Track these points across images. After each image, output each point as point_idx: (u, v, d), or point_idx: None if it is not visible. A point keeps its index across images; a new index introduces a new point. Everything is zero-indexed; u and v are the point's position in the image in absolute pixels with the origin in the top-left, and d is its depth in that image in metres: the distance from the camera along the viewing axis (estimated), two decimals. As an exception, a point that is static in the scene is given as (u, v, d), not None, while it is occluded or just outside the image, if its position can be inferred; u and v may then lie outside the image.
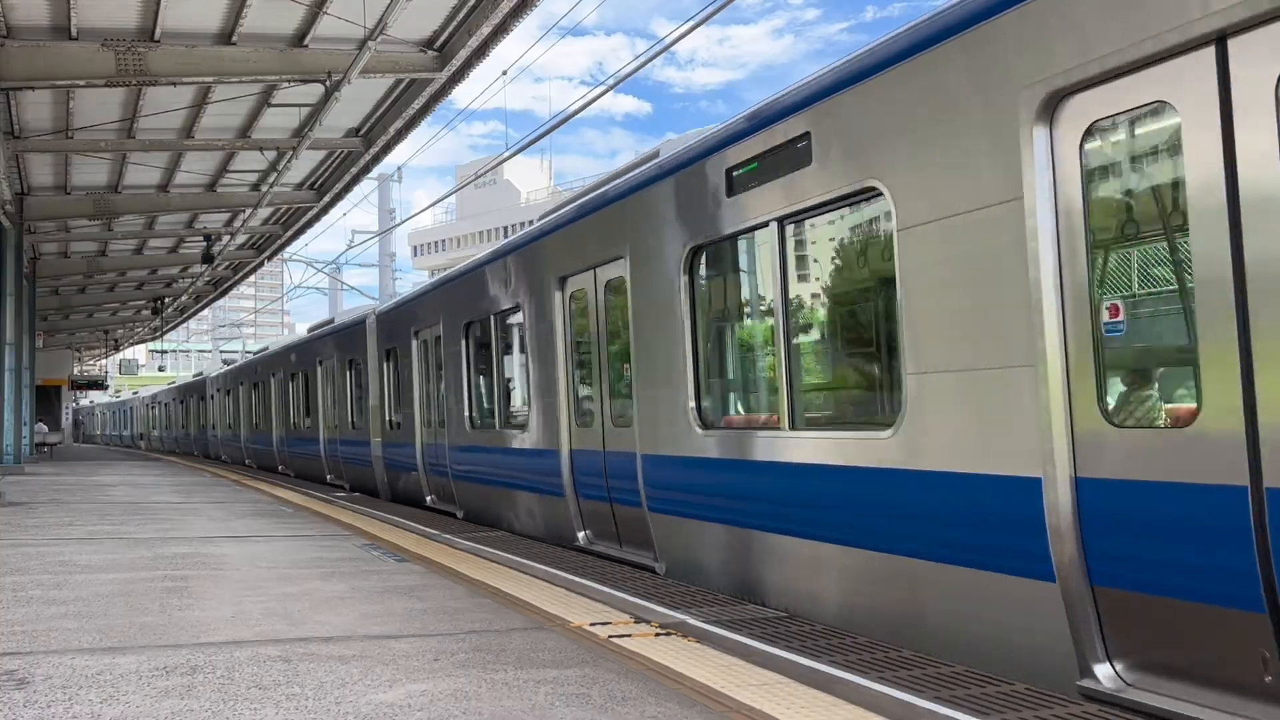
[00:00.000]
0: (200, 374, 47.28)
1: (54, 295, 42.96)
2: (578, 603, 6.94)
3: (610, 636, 5.83)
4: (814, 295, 7.41)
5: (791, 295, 7.21)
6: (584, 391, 10.58)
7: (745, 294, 8.28)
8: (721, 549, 7.90)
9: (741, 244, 7.89)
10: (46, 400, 52.32)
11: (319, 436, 23.35)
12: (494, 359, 13.07)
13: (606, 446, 9.87)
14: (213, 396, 39.32)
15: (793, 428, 7.07)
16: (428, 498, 16.02)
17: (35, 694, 4.67)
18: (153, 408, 59.74)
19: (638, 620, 6.34)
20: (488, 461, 13.11)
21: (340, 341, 21.38)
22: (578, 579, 8.02)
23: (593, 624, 6.19)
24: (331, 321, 23.67)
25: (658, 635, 5.90)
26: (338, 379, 21.59)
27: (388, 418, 18.00)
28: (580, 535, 10.58)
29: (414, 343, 16.22)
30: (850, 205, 6.63)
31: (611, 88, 16.27)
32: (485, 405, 13.76)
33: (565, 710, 4.38)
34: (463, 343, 13.89)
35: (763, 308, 7.75)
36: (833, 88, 6.60)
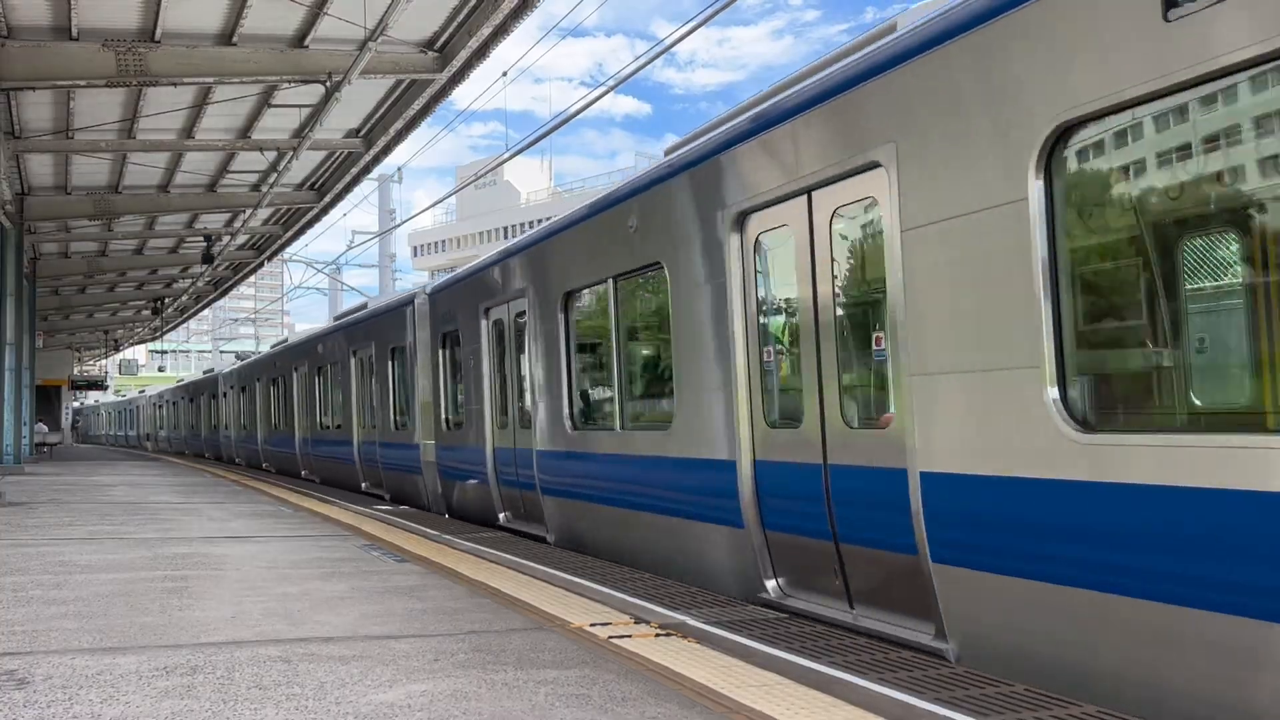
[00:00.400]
0: (211, 370, 43.42)
1: (54, 295, 42.97)
2: (577, 603, 6.94)
3: (610, 637, 5.84)
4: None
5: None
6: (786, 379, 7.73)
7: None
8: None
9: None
10: (46, 400, 52.35)
11: (352, 438, 20.42)
12: (614, 337, 9.92)
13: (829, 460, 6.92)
14: (225, 394, 36.43)
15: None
16: (501, 515, 13.07)
17: (35, 694, 4.68)
18: (160, 407, 56.14)
19: (637, 621, 6.34)
20: (602, 473, 10.09)
21: (379, 327, 18.46)
22: (577, 579, 8.03)
23: (593, 624, 6.19)
24: (365, 306, 20.89)
25: (657, 636, 5.91)
26: (377, 371, 18.57)
27: (443, 416, 15.26)
28: (771, 585, 7.60)
29: (484, 323, 13.32)
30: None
31: (612, 88, 16.29)
32: (597, 399, 10.74)
33: (565, 710, 4.38)
34: (561, 318, 10.91)
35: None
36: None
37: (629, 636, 5.86)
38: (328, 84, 17.49)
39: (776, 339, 7.58)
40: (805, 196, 6.96)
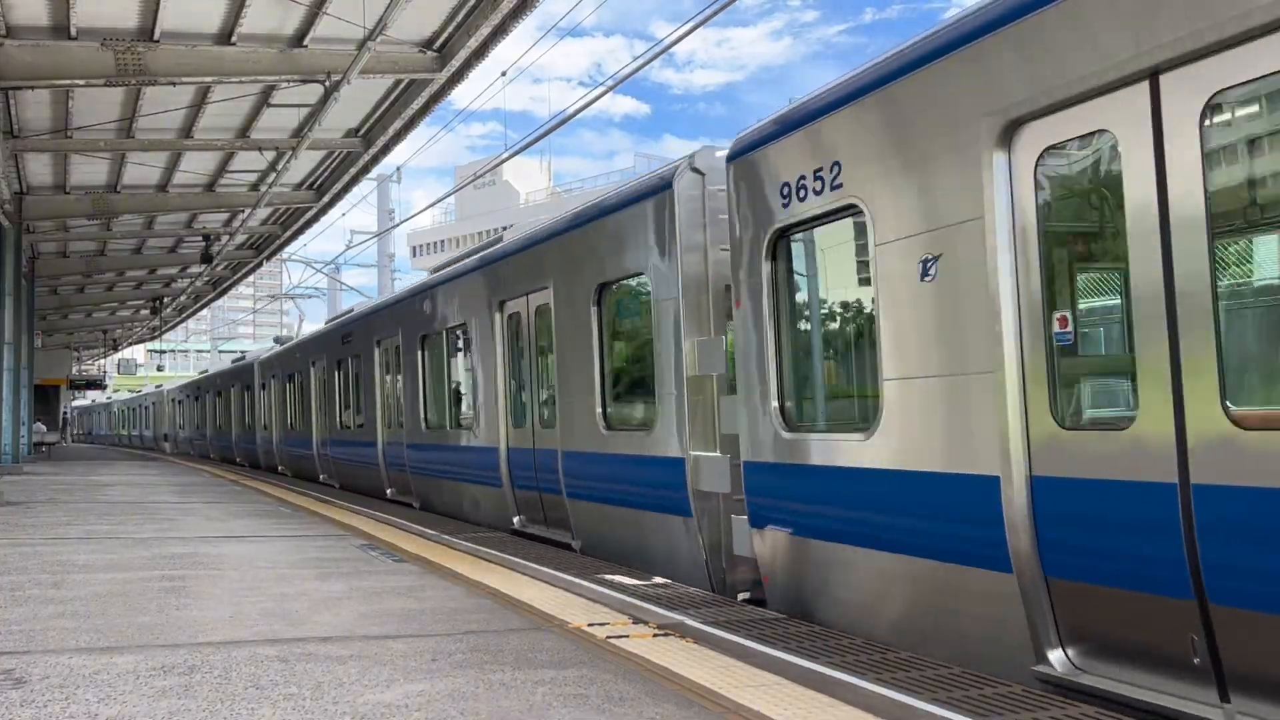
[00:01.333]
0: (242, 355, 36.85)
1: (53, 295, 42.95)
2: (576, 603, 6.94)
3: (608, 637, 5.83)
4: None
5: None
6: None
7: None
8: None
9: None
10: (45, 400, 52.33)
11: (485, 441, 13.25)
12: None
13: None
14: (266, 385, 29.10)
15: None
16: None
17: (32, 693, 4.67)
18: (180, 403, 47.68)
19: (636, 621, 6.34)
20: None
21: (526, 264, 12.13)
22: (576, 579, 8.02)
23: (590, 624, 6.19)
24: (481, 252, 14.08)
25: (655, 636, 5.90)
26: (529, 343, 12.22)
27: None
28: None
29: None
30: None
31: (611, 89, 16.28)
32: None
33: (563, 711, 4.38)
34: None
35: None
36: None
37: (627, 636, 5.86)
38: (327, 84, 17.49)
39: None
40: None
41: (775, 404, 7.35)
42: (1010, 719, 4.49)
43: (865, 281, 6.62)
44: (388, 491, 17.88)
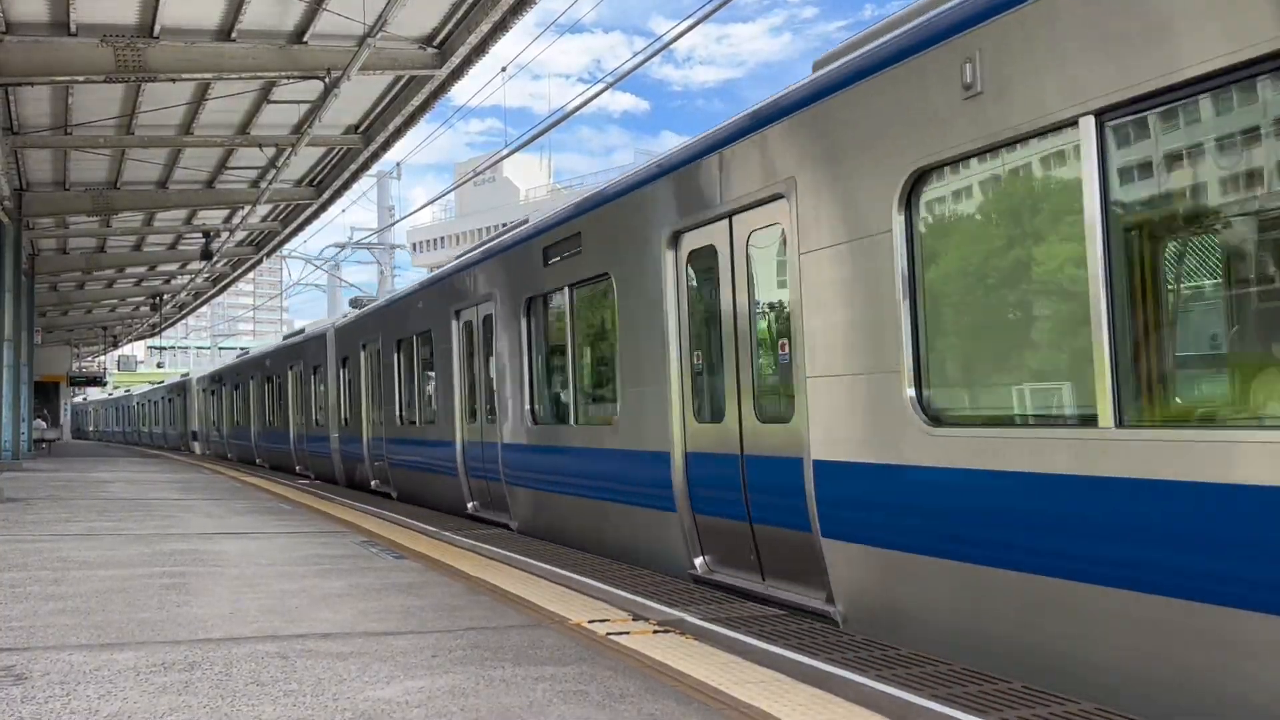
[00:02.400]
0: (299, 331, 27.05)
1: (52, 291, 42.96)
2: (576, 600, 6.95)
3: (608, 634, 5.84)
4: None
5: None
6: None
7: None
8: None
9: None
10: (45, 397, 52.34)
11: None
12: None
13: None
14: (339, 366, 21.36)
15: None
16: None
17: (33, 690, 4.68)
18: (213, 394, 37.62)
19: (636, 618, 6.34)
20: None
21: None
22: (577, 576, 8.03)
23: (591, 621, 6.19)
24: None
25: (656, 633, 5.91)
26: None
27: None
28: None
29: None
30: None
31: (611, 85, 16.27)
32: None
33: (563, 707, 4.38)
34: None
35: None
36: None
37: (627, 633, 5.87)
38: (326, 80, 17.48)
39: None
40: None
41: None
42: (1011, 715, 4.50)
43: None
44: (469, 506, 13.91)
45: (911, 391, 5.97)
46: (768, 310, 7.68)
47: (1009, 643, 5.33)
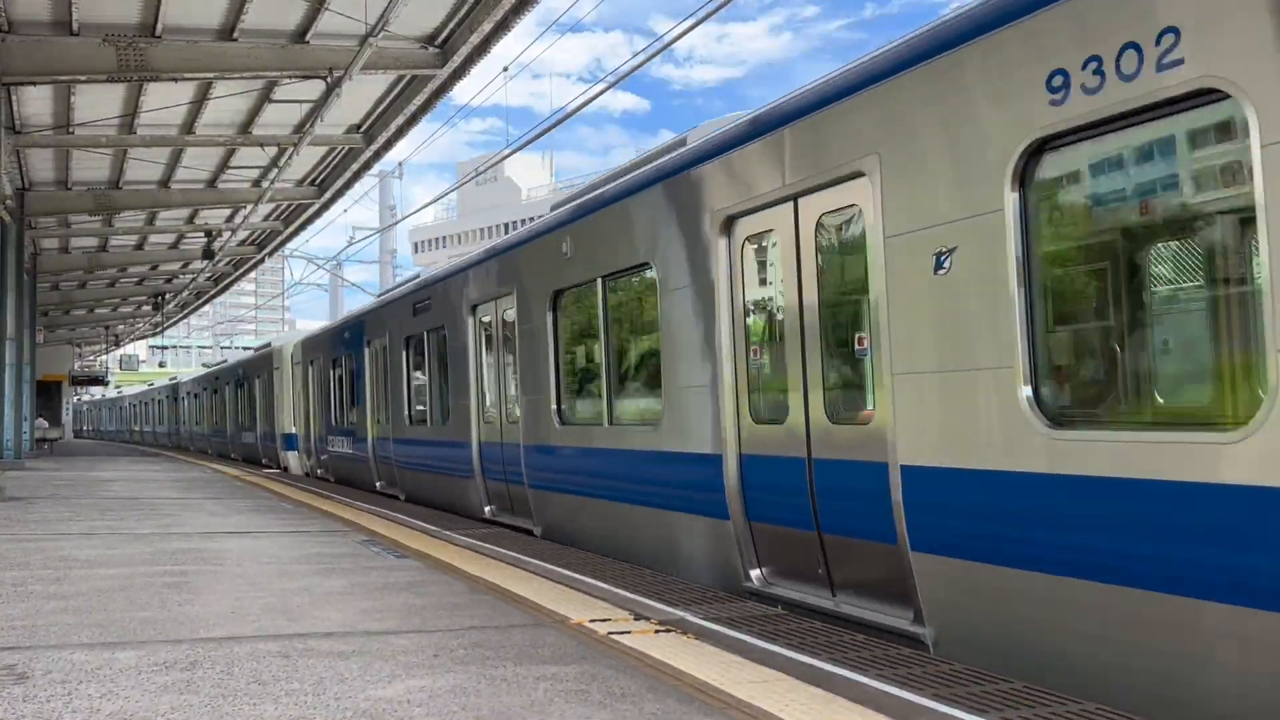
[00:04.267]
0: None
1: (54, 291, 42.99)
2: (577, 599, 6.94)
3: (609, 633, 5.84)
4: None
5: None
6: None
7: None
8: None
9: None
10: (47, 396, 52.35)
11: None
12: None
13: None
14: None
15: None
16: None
17: (35, 688, 4.68)
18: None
19: (637, 617, 6.34)
20: None
21: None
22: (577, 575, 8.03)
23: (592, 620, 6.19)
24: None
25: (657, 632, 5.90)
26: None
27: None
28: None
29: None
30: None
31: (612, 85, 16.27)
32: None
33: (564, 706, 4.38)
34: None
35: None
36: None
37: (628, 633, 5.86)
38: (328, 79, 17.49)
39: None
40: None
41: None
42: (1012, 715, 4.49)
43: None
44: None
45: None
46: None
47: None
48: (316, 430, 23.66)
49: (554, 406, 10.93)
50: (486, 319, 13.21)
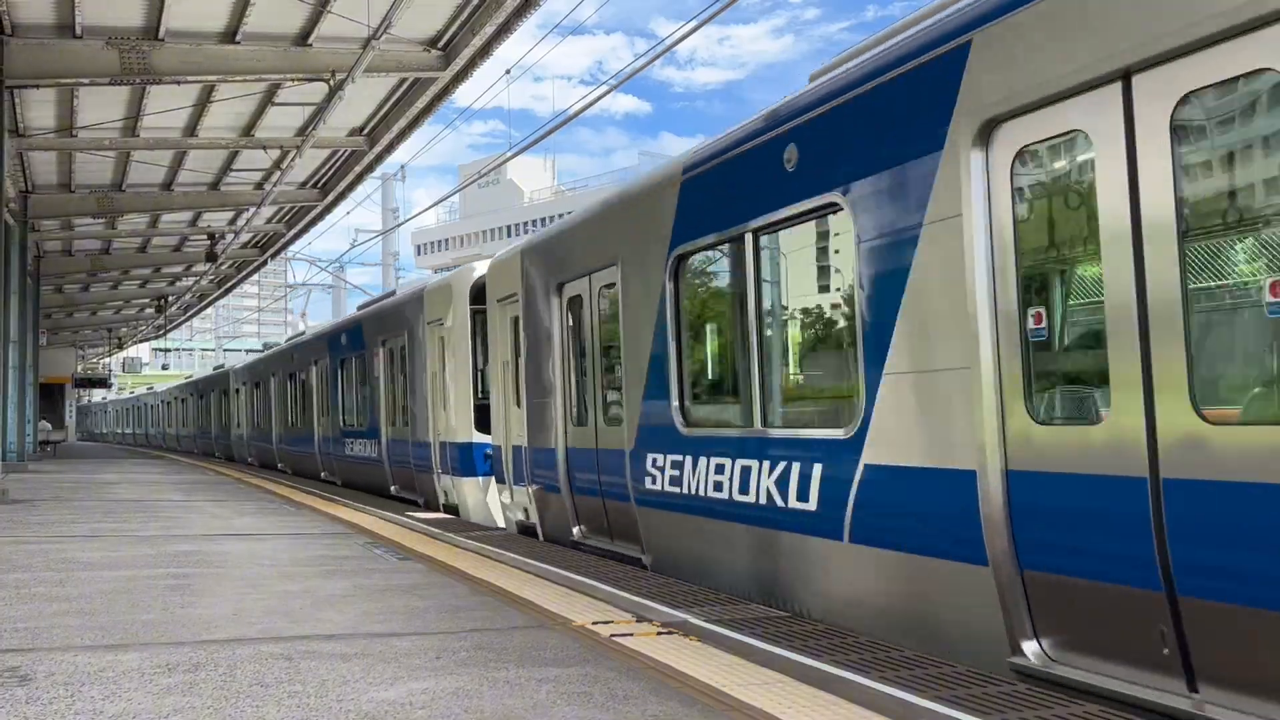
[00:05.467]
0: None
1: (58, 293, 43.06)
2: (580, 601, 6.94)
3: (612, 635, 5.83)
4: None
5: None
6: None
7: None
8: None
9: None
10: (50, 398, 52.42)
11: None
12: None
13: None
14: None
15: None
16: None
17: (38, 691, 4.68)
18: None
19: (640, 619, 6.34)
20: None
21: None
22: (580, 578, 8.02)
23: (595, 623, 6.19)
24: None
25: (659, 634, 5.90)
26: None
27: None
28: None
29: None
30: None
31: (614, 88, 16.28)
32: None
33: (567, 709, 4.38)
34: None
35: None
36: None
37: (631, 635, 5.86)
38: (331, 82, 17.52)
39: None
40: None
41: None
42: (1013, 717, 4.49)
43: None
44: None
45: None
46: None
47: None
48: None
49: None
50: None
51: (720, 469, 7.83)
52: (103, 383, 67.12)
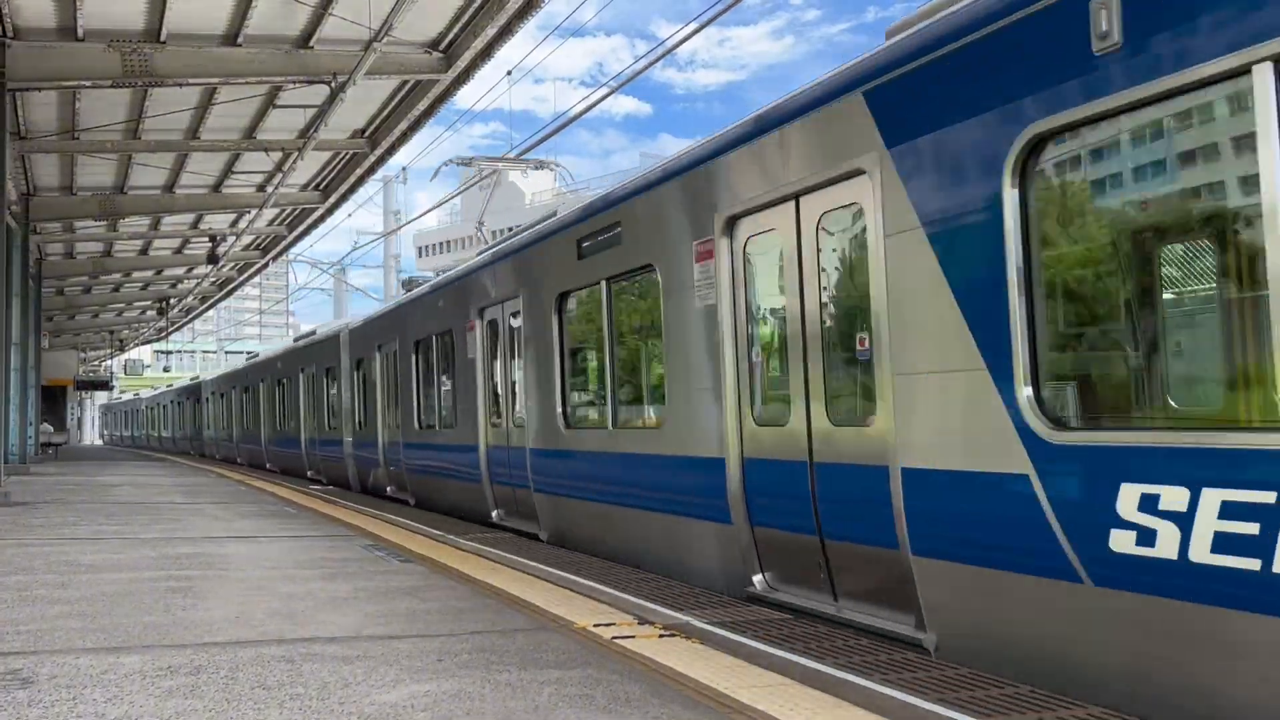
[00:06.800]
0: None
1: (59, 295, 43.08)
2: (581, 604, 6.94)
3: (614, 638, 5.83)
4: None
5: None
6: None
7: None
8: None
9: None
10: (52, 401, 52.45)
11: None
12: None
13: None
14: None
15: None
16: None
17: (40, 693, 4.68)
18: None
19: (641, 621, 6.34)
20: None
21: None
22: (581, 580, 8.02)
23: (596, 625, 6.19)
24: None
25: (661, 637, 5.90)
26: None
27: None
28: None
29: None
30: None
31: (615, 90, 16.29)
32: None
33: (568, 711, 4.38)
34: None
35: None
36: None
37: (633, 637, 5.86)
38: (333, 84, 17.53)
39: None
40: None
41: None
42: (1016, 719, 4.49)
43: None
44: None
45: None
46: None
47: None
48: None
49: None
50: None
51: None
52: (104, 385, 67.11)
